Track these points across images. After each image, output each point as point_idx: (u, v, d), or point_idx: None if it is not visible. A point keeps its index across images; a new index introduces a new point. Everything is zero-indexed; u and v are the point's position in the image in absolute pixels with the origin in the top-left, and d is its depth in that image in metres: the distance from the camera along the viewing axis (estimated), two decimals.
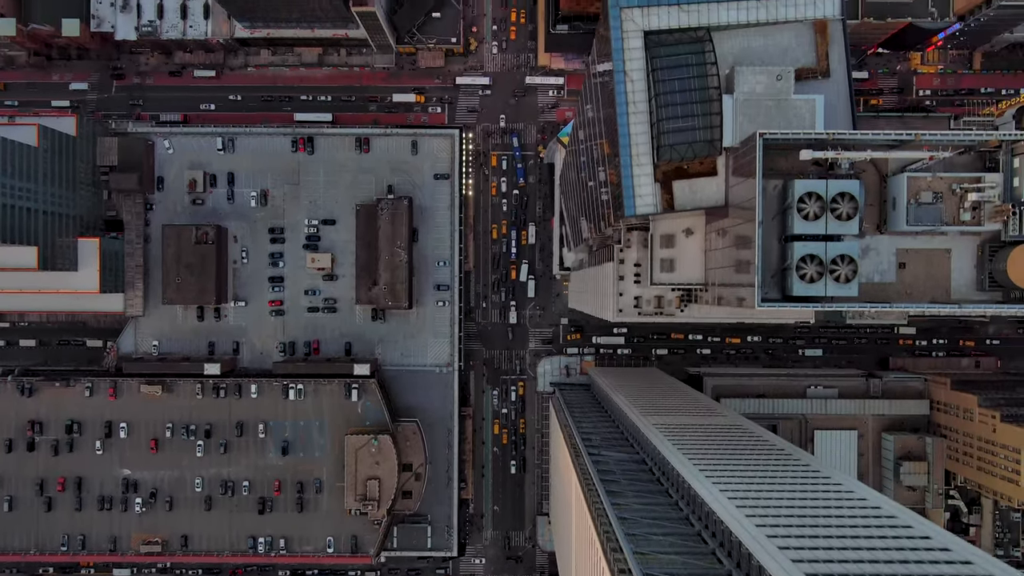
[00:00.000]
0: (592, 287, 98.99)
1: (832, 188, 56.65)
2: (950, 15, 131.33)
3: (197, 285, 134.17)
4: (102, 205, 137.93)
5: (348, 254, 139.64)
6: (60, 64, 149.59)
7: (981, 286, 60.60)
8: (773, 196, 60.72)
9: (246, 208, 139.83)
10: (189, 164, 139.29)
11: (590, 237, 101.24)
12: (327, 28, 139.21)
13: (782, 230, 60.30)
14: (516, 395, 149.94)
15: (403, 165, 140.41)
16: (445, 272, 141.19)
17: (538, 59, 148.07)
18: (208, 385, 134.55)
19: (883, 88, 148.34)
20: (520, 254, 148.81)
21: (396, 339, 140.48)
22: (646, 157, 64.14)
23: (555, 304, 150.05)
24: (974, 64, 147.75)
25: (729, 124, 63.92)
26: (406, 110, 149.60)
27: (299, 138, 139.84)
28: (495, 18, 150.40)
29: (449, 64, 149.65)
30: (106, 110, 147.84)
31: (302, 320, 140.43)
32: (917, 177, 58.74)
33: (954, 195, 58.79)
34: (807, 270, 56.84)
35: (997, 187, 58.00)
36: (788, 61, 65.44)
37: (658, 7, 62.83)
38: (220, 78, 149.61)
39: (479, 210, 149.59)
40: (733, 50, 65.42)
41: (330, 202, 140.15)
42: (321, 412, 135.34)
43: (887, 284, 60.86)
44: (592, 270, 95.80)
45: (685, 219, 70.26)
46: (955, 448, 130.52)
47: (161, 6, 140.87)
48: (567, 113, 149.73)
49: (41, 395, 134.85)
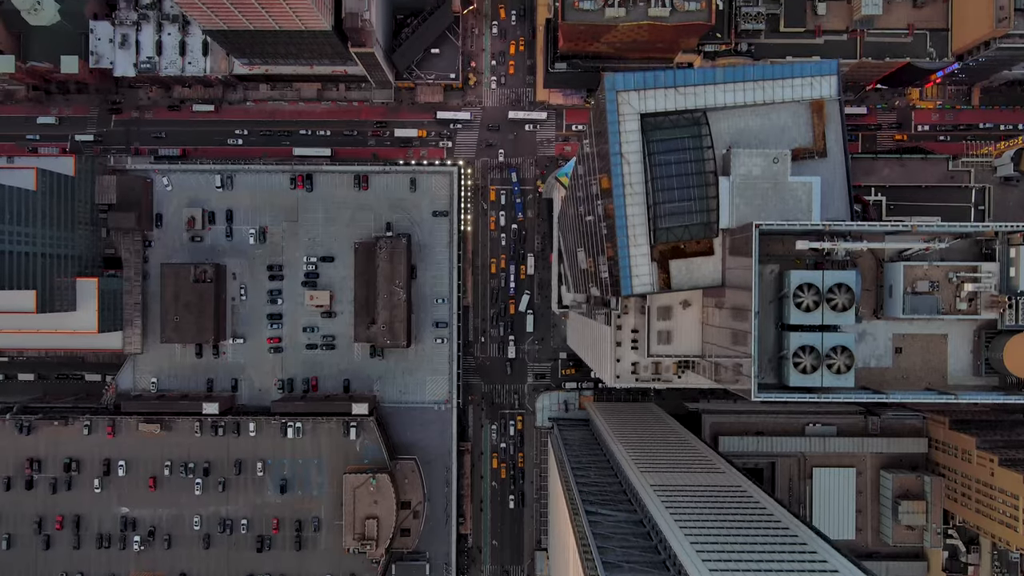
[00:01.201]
0: (590, 341, 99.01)
1: (828, 279, 56.66)
2: (948, 55, 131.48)
3: (195, 324, 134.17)
4: (100, 243, 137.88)
5: (347, 291, 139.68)
6: (59, 99, 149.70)
7: (978, 371, 60.62)
8: (770, 280, 60.73)
9: (245, 245, 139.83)
10: (188, 201, 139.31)
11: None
12: (326, 65, 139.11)
13: (779, 315, 60.30)
14: (515, 429, 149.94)
15: (402, 202, 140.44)
16: (444, 309, 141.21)
17: (536, 94, 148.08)
18: (207, 423, 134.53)
19: (881, 123, 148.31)
20: (519, 288, 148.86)
21: (394, 376, 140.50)
22: (643, 238, 64.15)
23: (553, 339, 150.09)
24: (973, 100, 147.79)
25: (725, 206, 63.92)
26: (405, 144, 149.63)
27: (298, 175, 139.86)
28: (494, 53, 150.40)
29: (448, 99, 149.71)
30: (105, 145, 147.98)
31: (300, 357, 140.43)
32: (914, 266, 58.75)
33: (951, 283, 58.80)
34: (803, 361, 56.85)
35: (993, 277, 58.00)
36: (785, 141, 65.42)
37: (654, 90, 62.86)
38: (219, 112, 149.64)
39: (477, 244, 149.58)
40: (730, 130, 65.42)
41: (329, 239, 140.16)
42: (319, 450, 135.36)
43: (884, 369, 60.88)
44: (590, 323, 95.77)
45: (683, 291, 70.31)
46: (954, 488, 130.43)
47: (160, 43, 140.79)
48: (565, 147, 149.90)
49: (39, 433, 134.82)
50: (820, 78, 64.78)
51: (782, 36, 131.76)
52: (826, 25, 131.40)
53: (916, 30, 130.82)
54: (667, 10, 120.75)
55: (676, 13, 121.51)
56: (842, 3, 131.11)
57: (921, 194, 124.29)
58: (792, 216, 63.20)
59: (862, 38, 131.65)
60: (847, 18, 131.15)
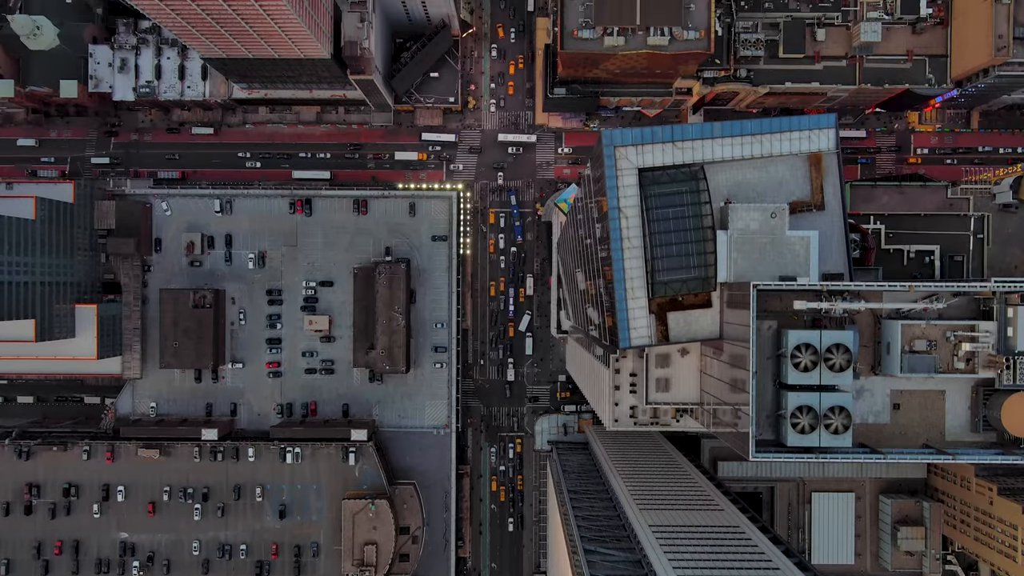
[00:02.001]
0: (588, 373, 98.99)
1: (826, 339, 56.71)
2: (947, 81, 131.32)
3: (195, 349, 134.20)
4: (100, 268, 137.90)
5: (346, 315, 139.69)
6: (58, 121, 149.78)
7: (975, 428, 60.67)
8: (768, 336, 60.75)
9: (244, 270, 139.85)
10: (187, 226, 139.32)
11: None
12: (325, 89, 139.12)
13: (776, 371, 60.31)
14: (514, 452, 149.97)
15: (401, 227, 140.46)
16: (443, 334, 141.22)
17: (536, 117, 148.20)
18: (206, 448, 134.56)
19: (880, 146, 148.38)
20: (518, 310, 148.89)
21: (393, 400, 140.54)
22: (641, 291, 64.17)
23: (552, 361, 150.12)
24: (972, 123, 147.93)
25: (723, 260, 63.91)
26: (404, 167, 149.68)
27: (297, 200, 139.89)
28: (493, 75, 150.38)
29: (447, 122, 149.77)
30: (105, 167, 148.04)
31: (299, 381, 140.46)
32: (911, 324, 58.76)
33: (948, 342, 58.83)
34: (801, 421, 56.89)
35: (991, 336, 58.02)
36: (783, 194, 65.43)
37: (652, 145, 62.88)
38: (218, 135, 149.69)
39: (477, 267, 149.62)
40: (727, 182, 65.45)
41: (328, 264, 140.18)
42: (318, 475, 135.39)
43: (882, 425, 60.93)
44: (589, 356, 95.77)
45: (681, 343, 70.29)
46: (952, 515, 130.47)
47: (159, 67, 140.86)
48: (564, 170, 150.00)
49: (38, 458, 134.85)
50: (818, 131, 64.80)
51: (781, 62, 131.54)
52: (825, 51, 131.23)
53: (915, 56, 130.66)
54: (666, 39, 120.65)
55: (675, 42, 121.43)
56: (841, 29, 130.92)
57: (920, 222, 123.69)
58: (790, 270, 63.23)
59: (861, 64, 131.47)
60: (846, 44, 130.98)
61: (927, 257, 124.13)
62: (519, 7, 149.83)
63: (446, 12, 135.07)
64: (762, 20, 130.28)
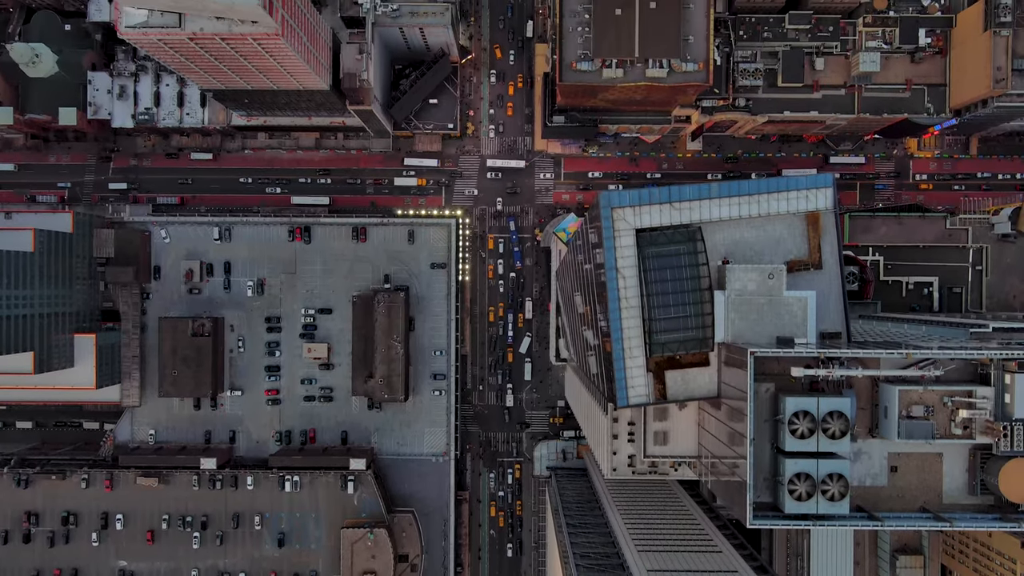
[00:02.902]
0: (587, 417, 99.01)
1: (824, 407, 56.77)
2: (946, 111, 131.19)
3: (194, 378, 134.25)
4: (98, 296, 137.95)
5: (344, 343, 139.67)
6: (57, 146, 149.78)
7: (973, 491, 60.73)
8: (765, 398, 60.81)
9: (243, 297, 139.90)
10: (186, 253, 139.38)
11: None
12: (324, 116, 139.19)
13: (774, 434, 60.37)
14: (512, 477, 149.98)
15: (400, 254, 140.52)
16: (441, 361, 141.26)
17: (535, 143, 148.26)
18: (204, 476, 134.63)
19: (879, 172, 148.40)
20: (517, 336, 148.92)
21: (392, 428, 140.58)
22: (639, 350, 64.26)
23: (551, 386, 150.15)
24: (971, 149, 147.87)
25: (721, 320, 63.98)
26: (403, 193, 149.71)
27: (296, 227, 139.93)
28: (492, 99, 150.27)
29: (446, 147, 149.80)
30: (103, 192, 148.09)
31: (298, 409, 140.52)
32: (909, 390, 58.80)
33: (946, 407, 58.87)
34: (798, 488, 56.94)
35: (988, 402, 58.04)
36: (780, 252, 65.48)
37: (649, 205, 62.96)
38: (217, 160, 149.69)
39: (476, 292, 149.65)
40: (725, 241, 65.52)
41: (327, 291, 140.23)
42: (317, 504, 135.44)
43: (879, 488, 60.98)
44: (587, 398, 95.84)
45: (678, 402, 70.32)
46: (951, 544, 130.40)
47: (158, 94, 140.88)
48: (563, 196, 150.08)
49: (37, 486, 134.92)
50: (815, 191, 64.82)
51: (780, 91, 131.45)
52: (824, 80, 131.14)
53: (914, 85, 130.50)
54: (664, 71, 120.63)
55: (674, 74, 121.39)
56: (840, 58, 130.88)
57: (919, 253, 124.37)
58: (788, 331, 63.28)
59: (860, 93, 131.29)
60: (845, 73, 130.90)
61: (926, 289, 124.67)
62: (518, 29, 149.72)
63: (445, 41, 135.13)
64: (761, 49, 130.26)
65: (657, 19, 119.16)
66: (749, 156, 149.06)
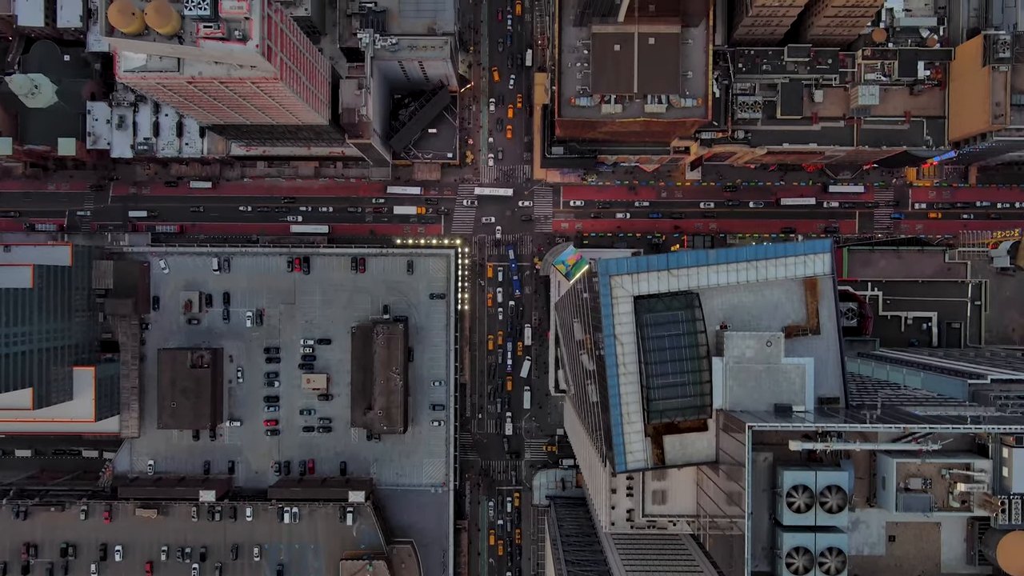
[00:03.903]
0: (586, 462, 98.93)
1: (821, 480, 56.79)
2: (945, 143, 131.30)
3: (192, 410, 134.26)
4: (97, 327, 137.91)
5: (344, 373, 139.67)
6: (57, 174, 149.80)
7: (971, 560, 60.75)
8: (763, 468, 60.83)
9: (242, 328, 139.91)
10: (185, 284, 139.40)
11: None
12: (323, 147, 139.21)
13: (772, 503, 60.39)
14: (512, 506, 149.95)
15: (399, 285, 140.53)
16: (440, 392, 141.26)
17: (534, 172, 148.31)
18: (203, 507, 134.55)
19: (879, 201, 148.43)
20: (516, 364, 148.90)
21: (391, 458, 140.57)
22: (636, 416, 64.33)
23: (551, 414, 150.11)
24: (970, 178, 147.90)
25: (719, 387, 64.02)
26: (403, 221, 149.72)
27: (295, 258, 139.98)
28: (491, 127, 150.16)
29: (446, 176, 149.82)
30: (102, 220, 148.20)
31: (297, 439, 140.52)
32: (906, 463, 58.81)
33: (943, 479, 58.87)
34: (796, 562, 56.96)
35: (986, 474, 58.03)
36: (778, 317, 65.51)
37: (647, 273, 63.00)
38: (216, 188, 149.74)
39: (475, 321, 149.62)
40: (723, 306, 65.54)
41: (326, 321, 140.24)
42: (316, 535, 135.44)
43: (877, 557, 60.98)
44: (587, 441, 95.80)
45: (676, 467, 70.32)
46: None
47: (157, 124, 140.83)
48: (562, 224, 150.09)
49: (36, 518, 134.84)
50: (813, 256, 64.85)
51: (779, 123, 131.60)
52: (823, 112, 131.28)
53: (913, 118, 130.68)
54: (663, 107, 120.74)
55: (672, 110, 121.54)
56: (839, 90, 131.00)
57: (917, 288, 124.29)
58: (786, 398, 63.35)
59: (859, 125, 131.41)
60: (844, 105, 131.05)
61: (925, 324, 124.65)
62: (517, 56, 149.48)
63: (444, 73, 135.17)
64: (760, 81, 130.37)
65: (656, 55, 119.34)
66: (748, 185, 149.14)
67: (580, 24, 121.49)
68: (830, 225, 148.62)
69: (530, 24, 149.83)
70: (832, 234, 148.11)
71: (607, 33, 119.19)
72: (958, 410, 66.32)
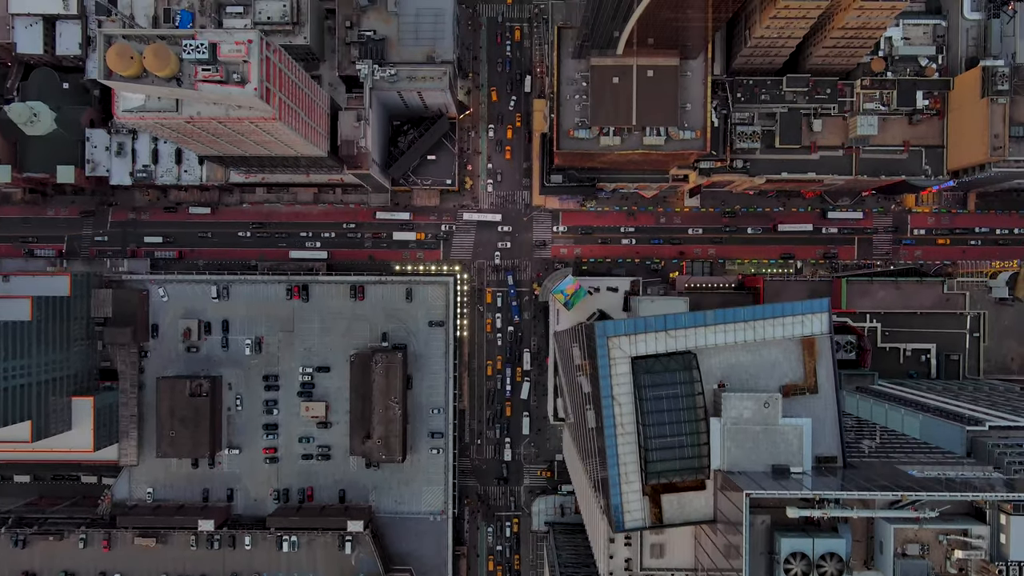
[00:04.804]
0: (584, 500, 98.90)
1: (819, 547, 56.82)
2: (944, 172, 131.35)
3: (191, 439, 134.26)
4: (96, 356, 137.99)
5: (342, 400, 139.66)
6: (56, 200, 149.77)
7: None
8: (761, 530, 60.82)
9: (241, 355, 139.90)
10: (184, 312, 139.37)
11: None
12: (322, 174, 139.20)
13: (769, 567, 60.37)
14: (511, 531, 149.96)
15: (398, 312, 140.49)
16: (439, 419, 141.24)
17: (533, 199, 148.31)
18: (202, 536, 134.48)
19: (877, 227, 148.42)
20: (515, 389, 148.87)
21: (390, 486, 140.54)
22: (635, 475, 64.35)
23: (550, 440, 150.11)
24: (969, 205, 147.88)
25: (717, 447, 64.03)
26: (401, 247, 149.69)
27: (294, 286, 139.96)
28: (491, 151, 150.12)
29: (445, 201, 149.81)
30: (101, 246, 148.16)
31: (296, 467, 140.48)
32: (904, 528, 58.80)
33: (941, 545, 58.87)
34: None
35: (984, 542, 58.02)
36: (776, 376, 65.51)
37: (645, 334, 63.04)
38: (215, 214, 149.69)
39: (474, 346, 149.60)
40: (720, 365, 65.54)
41: (324, 349, 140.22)
42: (315, 564, 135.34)
43: None
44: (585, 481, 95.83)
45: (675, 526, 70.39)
46: None
47: (156, 151, 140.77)
48: (561, 250, 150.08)
49: (35, 546, 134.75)
50: (811, 316, 64.88)
51: (777, 152, 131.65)
52: (822, 141, 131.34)
53: (911, 147, 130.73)
54: (662, 139, 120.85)
55: (671, 142, 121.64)
56: (837, 119, 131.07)
57: (916, 320, 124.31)
58: (783, 459, 63.38)
59: (857, 155, 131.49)
60: (843, 135, 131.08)
61: (923, 355, 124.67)
62: (515, 80, 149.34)
63: (443, 102, 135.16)
64: (758, 111, 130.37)
65: (654, 88, 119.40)
66: (747, 210, 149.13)
67: (579, 56, 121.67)
68: (829, 251, 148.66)
69: (529, 50, 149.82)
70: (831, 260, 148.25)
71: (606, 65, 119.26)
72: (956, 469, 66.33)
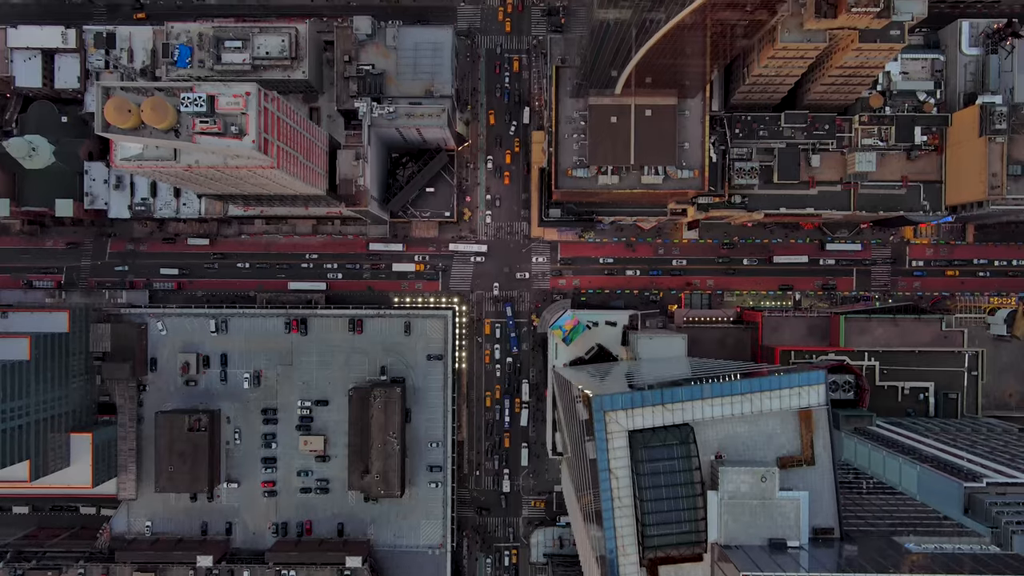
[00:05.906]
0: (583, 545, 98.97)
1: None
2: (942, 208, 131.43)
3: (190, 473, 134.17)
4: (95, 391, 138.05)
5: (341, 434, 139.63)
6: (54, 231, 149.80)
7: None
8: None
9: (239, 389, 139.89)
10: (182, 346, 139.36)
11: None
12: (321, 207, 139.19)
13: None
14: (509, 562, 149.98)
15: (396, 346, 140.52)
16: (438, 453, 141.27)
17: (531, 231, 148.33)
18: (201, 571, 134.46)
19: (876, 259, 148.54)
20: (514, 421, 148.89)
21: (389, 519, 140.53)
22: (632, 548, 64.38)
23: (548, 471, 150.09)
24: (967, 236, 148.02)
25: (714, 521, 64.07)
26: (400, 278, 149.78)
27: (292, 319, 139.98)
28: (489, 175, 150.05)
29: (443, 233, 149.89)
30: (99, 276, 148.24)
31: (294, 501, 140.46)
32: None
33: None
34: None
35: None
36: (773, 447, 65.58)
37: (642, 408, 63.11)
38: (214, 245, 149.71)
39: (472, 378, 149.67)
40: (718, 436, 65.61)
41: (323, 383, 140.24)
42: None
43: None
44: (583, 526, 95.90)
45: None
46: None
47: (155, 184, 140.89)
48: (560, 281, 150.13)
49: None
50: (807, 388, 64.96)
51: (775, 187, 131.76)
52: (820, 177, 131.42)
53: (910, 182, 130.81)
54: (660, 178, 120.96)
55: (669, 180, 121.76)
56: (836, 155, 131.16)
57: (914, 358, 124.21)
58: (781, 532, 63.40)
59: (856, 190, 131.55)
60: (841, 170, 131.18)
61: (921, 394, 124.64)
62: (513, 110, 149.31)
63: (442, 136, 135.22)
64: (756, 146, 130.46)
65: (653, 127, 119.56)
66: (746, 241, 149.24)
67: (577, 95, 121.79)
68: (827, 282, 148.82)
69: (527, 81, 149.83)
70: (830, 291, 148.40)
71: (604, 104, 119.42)
72: (953, 542, 66.34)
